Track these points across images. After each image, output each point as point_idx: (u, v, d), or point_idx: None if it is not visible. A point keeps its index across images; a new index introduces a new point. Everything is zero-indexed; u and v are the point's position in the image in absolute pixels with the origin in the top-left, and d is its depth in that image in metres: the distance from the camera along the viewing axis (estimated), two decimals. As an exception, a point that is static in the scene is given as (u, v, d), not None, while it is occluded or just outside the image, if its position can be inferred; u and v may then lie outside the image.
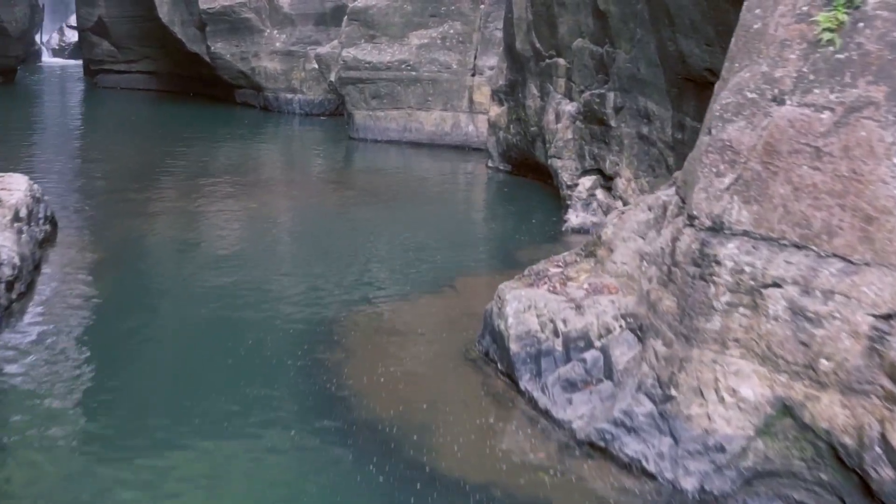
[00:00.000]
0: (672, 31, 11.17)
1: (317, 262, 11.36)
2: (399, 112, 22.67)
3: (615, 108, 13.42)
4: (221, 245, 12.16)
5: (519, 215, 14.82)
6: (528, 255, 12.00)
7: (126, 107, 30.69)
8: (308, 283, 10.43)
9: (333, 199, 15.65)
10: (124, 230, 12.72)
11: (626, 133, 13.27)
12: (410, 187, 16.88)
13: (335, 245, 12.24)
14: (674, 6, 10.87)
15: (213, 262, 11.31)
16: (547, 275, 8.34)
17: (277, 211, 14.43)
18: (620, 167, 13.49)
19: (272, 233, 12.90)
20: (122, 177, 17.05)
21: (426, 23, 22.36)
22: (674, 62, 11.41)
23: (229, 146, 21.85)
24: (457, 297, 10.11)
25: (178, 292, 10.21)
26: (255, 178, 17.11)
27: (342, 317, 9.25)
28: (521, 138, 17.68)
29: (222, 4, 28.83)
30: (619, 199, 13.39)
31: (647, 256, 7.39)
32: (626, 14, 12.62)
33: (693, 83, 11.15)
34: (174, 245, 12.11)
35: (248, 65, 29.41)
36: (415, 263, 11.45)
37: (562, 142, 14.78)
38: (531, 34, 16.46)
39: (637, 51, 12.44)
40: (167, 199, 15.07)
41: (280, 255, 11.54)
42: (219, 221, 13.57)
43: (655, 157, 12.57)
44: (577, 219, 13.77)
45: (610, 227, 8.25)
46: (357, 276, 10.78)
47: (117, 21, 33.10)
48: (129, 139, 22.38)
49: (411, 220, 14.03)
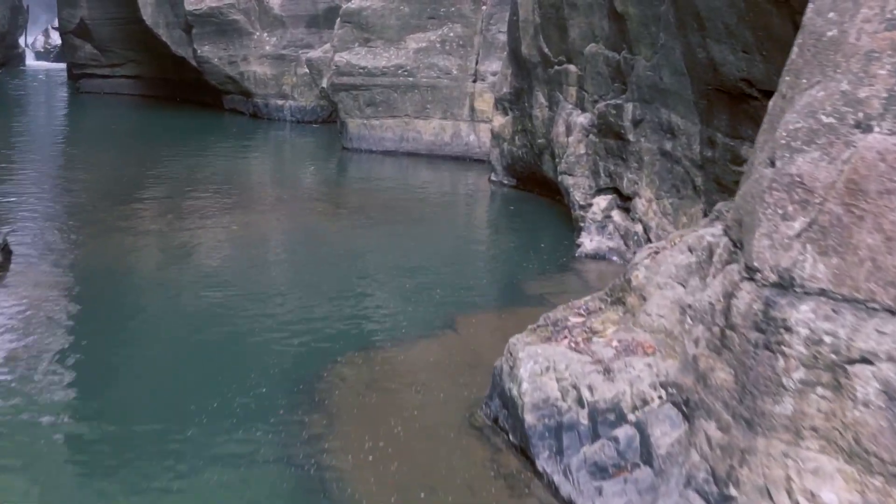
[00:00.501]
0: (702, 36, 9.99)
1: (300, 300, 10.15)
2: (395, 121, 21.49)
3: (634, 120, 12.24)
4: (192, 279, 10.95)
5: (526, 238, 13.63)
6: (537, 287, 10.84)
7: (108, 113, 29.52)
8: (289, 326, 9.23)
9: (322, 220, 14.45)
10: (85, 259, 11.52)
11: (647, 149, 12.09)
12: (407, 205, 15.69)
13: (321, 277, 11.04)
14: (705, 8, 9.69)
15: (179, 303, 10.10)
16: (567, 326, 7.15)
17: (260, 235, 13.22)
18: (640, 186, 12.30)
19: (252, 263, 11.69)
20: (94, 195, 15.85)
21: (424, 25, 21.20)
22: (703, 71, 10.23)
23: (214, 159, 20.66)
24: (458, 341, 8.91)
25: (136, 338, 9.01)
26: (239, 197, 15.91)
27: (326, 368, 8.05)
28: (528, 151, 16.50)
29: (209, 6, 27.70)
30: (638, 221, 12.21)
31: (690, 311, 6.20)
32: (648, 17, 11.44)
33: (726, 95, 9.97)
34: (140, 279, 10.90)
35: (237, 69, 28.27)
36: (411, 298, 10.25)
37: (573, 157, 13.59)
38: (539, 38, 15.28)
39: (660, 57, 11.26)
40: (141, 220, 13.87)
41: (259, 291, 10.32)
42: (194, 249, 12.37)
43: (680, 176, 11.38)
44: (592, 243, 12.59)
45: (641, 269, 7.05)
46: (345, 317, 9.57)
47: (100, 23, 31.96)
48: (107, 151, 21.17)
49: (407, 245, 12.83)
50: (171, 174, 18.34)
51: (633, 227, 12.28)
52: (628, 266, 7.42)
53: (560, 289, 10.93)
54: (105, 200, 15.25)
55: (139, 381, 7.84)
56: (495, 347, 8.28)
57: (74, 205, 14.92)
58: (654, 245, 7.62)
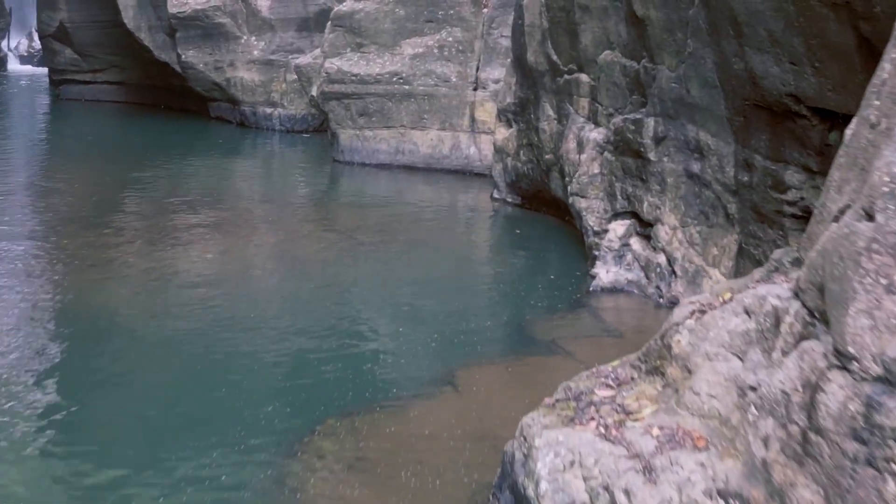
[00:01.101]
0: (739, 44, 8.79)
1: (274, 351, 8.93)
2: (390, 131, 20.27)
3: (655, 137, 11.04)
4: (148, 323, 9.72)
5: (533, 267, 12.41)
6: (548, 330, 9.65)
7: (87, 123, 28.30)
8: (259, 387, 8.00)
9: (308, 245, 13.22)
10: (39, 295, 10.30)
11: (670, 169, 10.88)
12: (401, 227, 14.47)
13: (300, 321, 9.81)
14: (744, 12, 8.48)
15: (129, 350, 8.88)
16: (593, 402, 5.92)
17: (239, 264, 11.99)
18: (662, 211, 11.09)
19: (226, 298, 10.47)
20: (62, 217, 14.65)
21: (421, 29, 19.99)
22: (740, 84, 9.03)
23: (196, 174, 19.43)
24: (459, 404, 7.69)
25: (77, 402, 7.78)
26: (219, 218, 14.68)
27: (302, 442, 6.83)
28: (534, 167, 15.29)
29: (194, 8, 26.51)
30: (661, 251, 10.99)
31: (753, 395, 4.98)
32: (673, 21, 10.24)
33: (767, 112, 8.76)
34: (93, 322, 9.67)
35: (223, 75, 27.07)
36: (404, 346, 9.03)
37: (586, 177, 12.37)
38: (546, 44, 14.08)
39: (687, 67, 10.06)
40: (107, 248, 12.63)
41: (226, 341, 9.09)
42: (159, 285, 11.14)
43: (710, 201, 10.17)
44: (608, 275, 11.37)
45: (684, 332, 5.82)
46: (327, 372, 8.35)
47: (80, 26, 30.75)
48: (82, 166, 19.91)
49: (401, 277, 11.61)
50: (147, 192, 17.12)
51: (655, 258, 11.07)
52: (666, 326, 6.19)
53: (574, 331, 9.72)
54: (72, 224, 14.04)
55: (78, 440, 6.61)
56: (503, 414, 7.10)
57: (37, 230, 13.70)
58: (697, 299, 6.39)
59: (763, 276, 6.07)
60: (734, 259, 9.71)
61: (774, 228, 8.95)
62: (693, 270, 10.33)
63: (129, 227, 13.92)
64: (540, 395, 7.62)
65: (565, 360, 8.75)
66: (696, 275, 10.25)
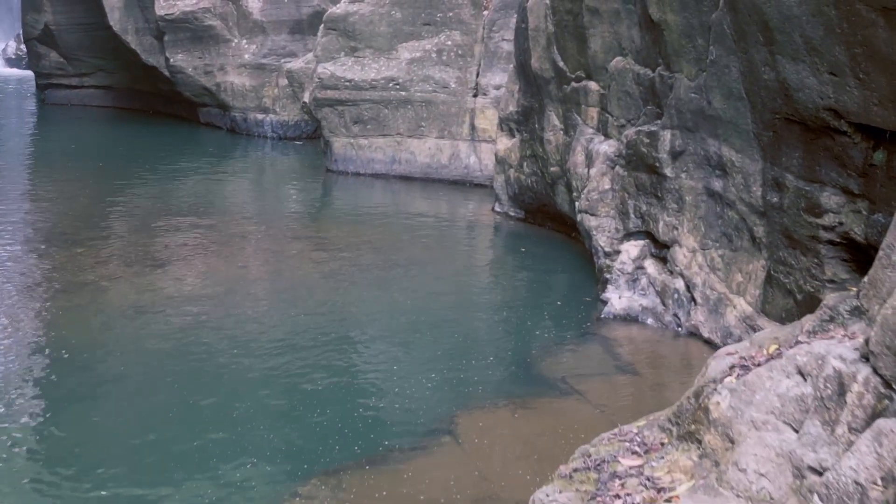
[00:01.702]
0: (770, 52, 8.00)
1: (254, 394, 8.13)
2: (386, 140, 19.48)
3: (672, 151, 10.25)
4: (119, 354, 8.94)
5: (538, 290, 11.63)
6: (557, 366, 8.87)
7: (73, 128, 27.48)
8: (236, 438, 7.18)
9: (298, 266, 12.42)
10: (6, 324, 9.50)
11: (689, 187, 10.10)
12: (398, 244, 13.66)
13: (286, 355, 9.01)
14: (777, 17, 7.69)
15: (91, 392, 8.08)
16: (617, 473, 5.11)
17: (220, 290, 11.17)
18: (680, 232, 10.30)
19: (203, 332, 9.66)
20: (38, 235, 13.88)
21: (419, 33, 19.21)
22: (769, 95, 8.24)
23: (183, 186, 18.62)
24: (461, 458, 6.88)
25: (43, 446, 6.99)
26: (204, 235, 13.88)
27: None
28: (538, 179, 14.50)
29: (182, 10, 25.73)
30: (678, 275, 10.20)
31: (814, 479, 4.18)
32: (693, 26, 9.45)
33: (801, 126, 7.97)
34: (58, 350, 8.88)
35: (213, 80, 26.28)
36: (399, 386, 8.23)
37: (596, 193, 11.58)
38: (552, 50, 13.29)
39: (709, 77, 9.27)
40: (82, 270, 11.83)
41: (204, 381, 8.29)
42: (138, 308, 10.36)
43: (734, 223, 9.38)
44: (621, 301, 10.57)
45: (724, 394, 5.02)
46: (311, 419, 7.54)
47: (66, 29, 29.92)
48: (64, 177, 19.08)
49: (396, 303, 10.81)
50: (129, 206, 16.33)
51: (672, 283, 10.28)
52: (700, 382, 5.39)
53: (585, 367, 8.93)
54: (46, 242, 13.25)
55: None
56: (510, 472, 6.34)
57: (6, 249, 12.87)
58: (736, 350, 5.58)
59: (816, 326, 5.26)
60: (761, 287, 8.92)
61: (809, 256, 8.16)
62: (715, 298, 9.53)
63: (107, 246, 13.10)
64: (551, 448, 6.83)
65: (577, 403, 7.97)
66: (719, 303, 9.46)
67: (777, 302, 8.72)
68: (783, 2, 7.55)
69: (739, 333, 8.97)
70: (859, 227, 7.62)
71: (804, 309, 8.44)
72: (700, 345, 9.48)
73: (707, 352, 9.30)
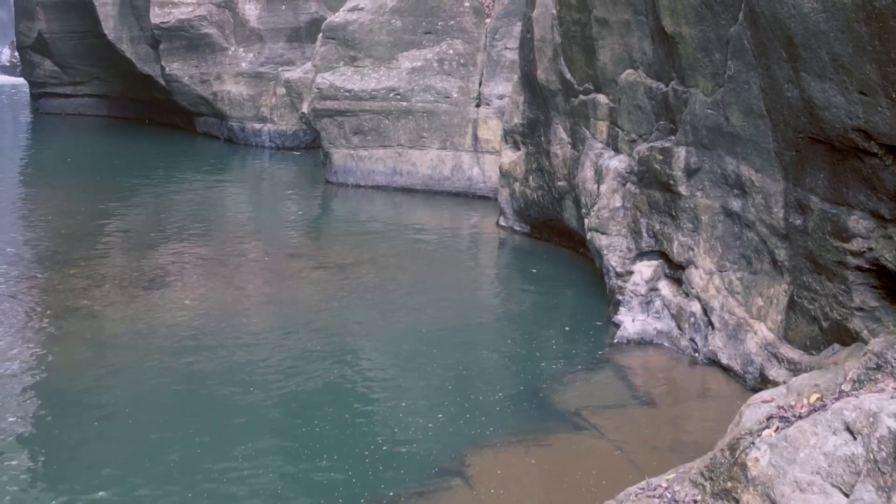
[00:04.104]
0: (793, 69, 7.64)
1: (248, 431, 7.76)
2: (387, 151, 19.11)
3: (687, 169, 9.90)
4: (107, 388, 8.57)
5: (547, 313, 11.27)
6: (569, 397, 8.55)
7: (67, 139, 27.11)
8: (228, 483, 6.81)
9: (296, 287, 12.05)
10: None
11: (705, 206, 9.74)
12: (399, 262, 13.30)
13: (283, 387, 8.66)
14: (801, 32, 7.34)
15: (76, 427, 7.72)
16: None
17: (217, 314, 10.80)
18: (696, 253, 9.94)
19: (196, 362, 9.30)
20: (25, 253, 13.53)
21: (420, 41, 18.86)
22: (793, 114, 7.89)
23: (178, 200, 18.25)
24: (474, 502, 6.50)
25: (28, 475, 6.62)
26: (200, 253, 13.53)
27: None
28: (544, 194, 14.14)
29: (178, 18, 25.35)
30: (694, 298, 9.84)
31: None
32: (710, 39, 9.10)
33: (827, 147, 7.62)
34: (44, 381, 8.53)
35: (210, 89, 25.90)
36: (404, 423, 7.86)
37: (606, 211, 11.22)
38: (559, 61, 12.94)
39: (726, 92, 8.92)
40: (71, 294, 11.47)
41: (194, 417, 7.93)
42: (130, 335, 10.01)
43: (753, 245, 9.02)
44: (634, 324, 10.21)
45: (763, 449, 4.67)
46: (309, 461, 7.18)
47: (60, 37, 29.52)
48: (56, 191, 18.64)
49: (398, 328, 10.45)
50: (124, 223, 15.97)
51: (688, 306, 9.91)
52: (735, 433, 5.02)
53: (599, 398, 8.57)
54: (36, 263, 12.92)
55: None
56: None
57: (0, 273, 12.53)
58: (772, 397, 5.22)
59: (862, 374, 4.90)
60: (784, 313, 8.55)
61: (835, 282, 7.79)
62: (734, 323, 9.17)
63: (100, 266, 12.73)
64: (569, 493, 6.47)
65: (593, 440, 7.60)
66: (738, 328, 9.09)
67: (801, 329, 8.35)
68: (809, 17, 7.20)
69: (761, 361, 8.61)
70: (891, 253, 7.25)
71: (830, 336, 8.08)
72: (718, 372, 9.11)
73: (727, 380, 8.95)
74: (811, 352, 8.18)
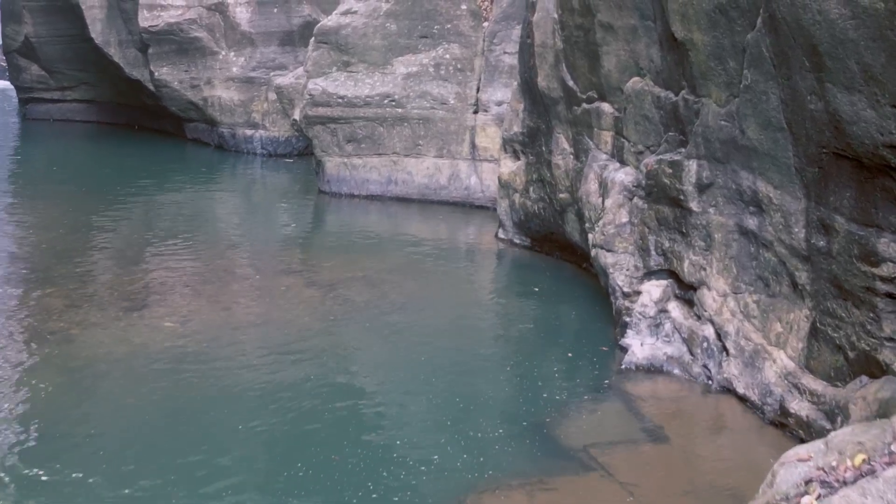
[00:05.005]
0: (818, 80, 7.10)
1: (235, 470, 7.22)
2: (382, 159, 18.57)
3: (699, 184, 9.36)
4: (84, 417, 8.03)
5: (551, 335, 10.71)
6: (575, 432, 8.01)
7: (54, 146, 26.59)
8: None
9: (285, 307, 11.49)
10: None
11: (718, 223, 9.20)
12: (394, 280, 12.74)
13: (266, 420, 8.10)
14: (827, 40, 6.80)
15: (51, 462, 7.16)
16: None
17: (202, 337, 10.24)
18: (708, 273, 9.39)
19: (181, 391, 8.75)
20: (4, 272, 12.95)
21: (415, 46, 18.32)
22: (816, 128, 7.35)
23: (167, 211, 17.73)
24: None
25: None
26: (186, 271, 12.98)
27: None
28: (546, 206, 13.59)
29: (167, 21, 24.85)
30: (707, 321, 9.29)
31: None
32: (724, 47, 8.55)
33: (853, 163, 7.08)
34: (14, 415, 7.95)
35: (200, 94, 25.38)
36: (395, 464, 7.30)
37: (612, 227, 10.67)
38: (560, 67, 12.40)
39: (742, 103, 8.37)
40: (48, 311, 10.96)
41: (167, 459, 7.37)
42: (107, 362, 9.46)
43: (771, 266, 8.47)
44: (643, 349, 9.66)
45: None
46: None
47: (47, 41, 29.01)
48: (40, 202, 18.08)
49: (393, 357, 9.90)
50: (111, 236, 15.44)
51: (701, 329, 9.37)
52: (769, 498, 4.47)
53: (608, 434, 8.02)
54: (10, 281, 12.33)
55: None
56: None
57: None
58: (809, 454, 4.67)
59: None
60: (805, 340, 8.01)
61: (863, 309, 7.24)
62: (751, 350, 8.62)
63: (81, 285, 12.17)
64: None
65: (603, 482, 7.05)
66: (755, 355, 8.54)
67: (824, 358, 7.80)
68: (836, 24, 6.66)
69: (781, 392, 8.06)
70: None
71: (857, 368, 7.53)
72: (734, 402, 8.57)
73: (743, 411, 8.41)
74: (836, 383, 7.63)
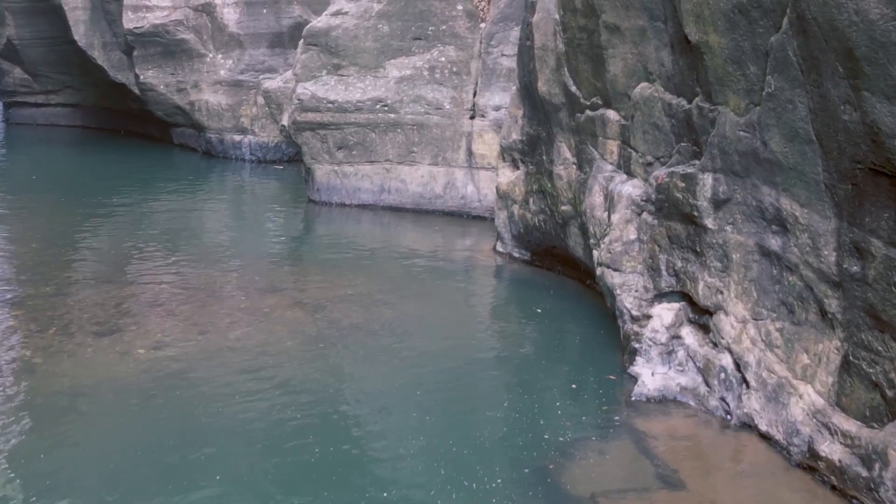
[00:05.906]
0: (853, 88, 6.39)
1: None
2: (374, 167, 17.85)
3: (715, 199, 8.64)
4: (41, 456, 7.32)
5: (552, 362, 9.97)
6: (582, 477, 7.29)
7: (37, 152, 25.85)
8: None
9: (269, 329, 10.76)
10: None
11: (736, 242, 8.48)
12: (386, 299, 12.02)
13: (236, 465, 7.36)
14: (865, 44, 6.09)
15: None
16: None
17: (175, 366, 9.51)
18: (725, 297, 8.67)
19: (150, 428, 8.03)
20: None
21: (409, 48, 17.60)
22: (850, 140, 6.63)
23: (150, 222, 16.98)
24: None
25: None
26: (165, 290, 12.27)
27: None
28: (547, 219, 12.87)
29: (153, 23, 24.10)
30: (725, 350, 8.57)
31: None
32: (743, 50, 7.83)
33: (890, 180, 6.37)
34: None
35: (187, 98, 24.65)
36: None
37: (619, 244, 9.95)
38: (562, 72, 11.68)
39: (765, 112, 7.65)
40: (10, 333, 10.25)
41: (147, 494, 6.66)
42: (69, 394, 8.75)
43: (796, 291, 7.75)
44: (654, 379, 8.94)
45: None
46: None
47: (29, 44, 28.22)
48: (19, 214, 17.32)
49: (383, 391, 9.14)
50: (88, 251, 14.72)
51: (718, 359, 8.64)
52: None
53: (618, 480, 7.31)
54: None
55: None
56: None
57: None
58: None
59: None
60: (836, 375, 7.29)
61: None
62: (774, 383, 7.90)
63: (49, 306, 11.43)
64: None
65: (614, 539, 6.33)
66: (779, 390, 7.82)
67: (858, 395, 7.09)
68: (876, 25, 5.95)
69: (809, 432, 7.35)
70: None
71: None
72: (756, 440, 7.87)
73: (766, 451, 7.69)
74: (872, 424, 6.91)
